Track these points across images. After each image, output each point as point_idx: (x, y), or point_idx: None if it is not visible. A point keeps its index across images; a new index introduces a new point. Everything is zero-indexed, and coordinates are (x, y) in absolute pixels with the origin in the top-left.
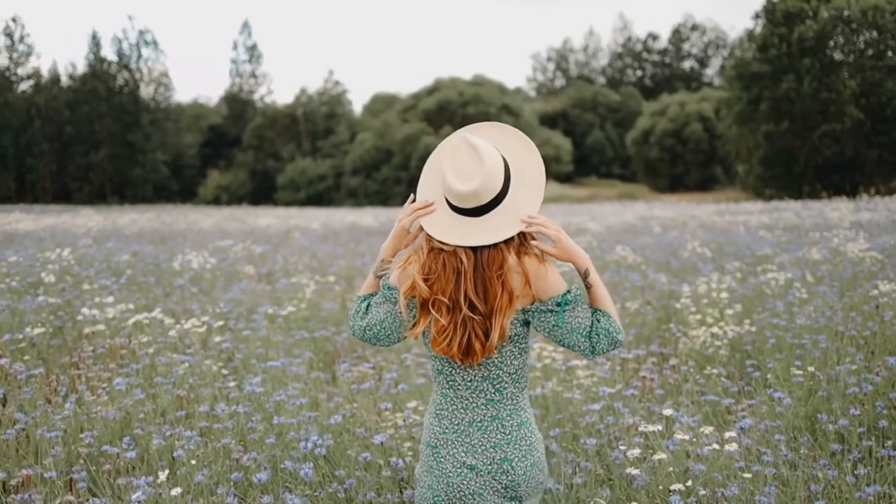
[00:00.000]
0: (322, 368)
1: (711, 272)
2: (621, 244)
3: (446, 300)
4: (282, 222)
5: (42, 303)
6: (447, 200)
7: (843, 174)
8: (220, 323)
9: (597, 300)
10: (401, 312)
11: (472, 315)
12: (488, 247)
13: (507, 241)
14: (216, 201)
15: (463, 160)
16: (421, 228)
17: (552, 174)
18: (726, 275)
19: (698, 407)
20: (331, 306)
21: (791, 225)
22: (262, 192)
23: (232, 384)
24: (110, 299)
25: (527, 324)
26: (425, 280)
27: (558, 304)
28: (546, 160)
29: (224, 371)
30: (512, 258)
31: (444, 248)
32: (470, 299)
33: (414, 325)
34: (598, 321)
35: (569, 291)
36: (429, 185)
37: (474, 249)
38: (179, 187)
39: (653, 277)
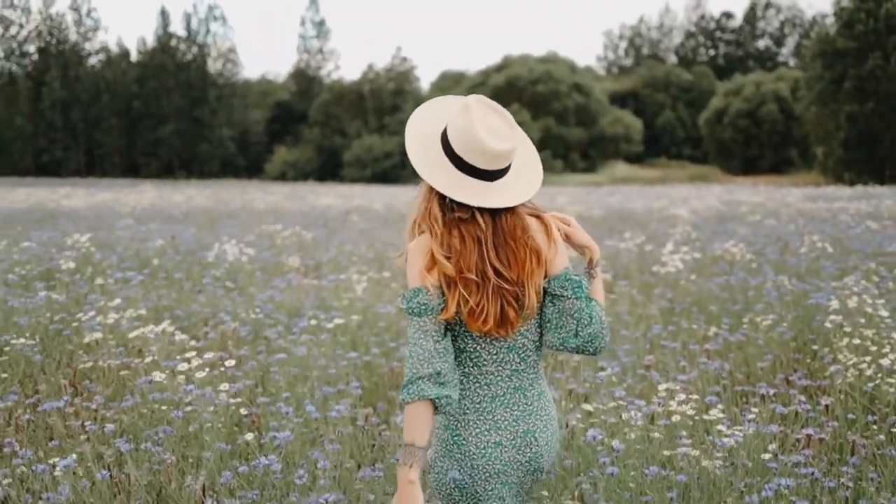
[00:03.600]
0: (374, 401)
1: (841, 273)
2: (720, 235)
3: (474, 276)
4: (343, 202)
5: (41, 300)
6: (460, 162)
7: None
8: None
9: (596, 290)
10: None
11: (500, 283)
12: (507, 211)
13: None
14: (282, 177)
15: (493, 120)
16: (427, 197)
17: (622, 154)
18: (864, 280)
19: (893, 488)
20: (387, 310)
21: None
22: (328, 169)
23: (251, 437)
24: (117, 301)
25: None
26: (447, 257)
27: (574, 289)
28: (616, 139)
29: (243, 411)
30: (532, 220)
31: (463, 216)
32: (495, 267)
33: (444, 309)
34: (592, 307)
35: (575, 275)
36: (426, 149)
37: (493, 215)
38: (246, 163)
39: (773, 280)
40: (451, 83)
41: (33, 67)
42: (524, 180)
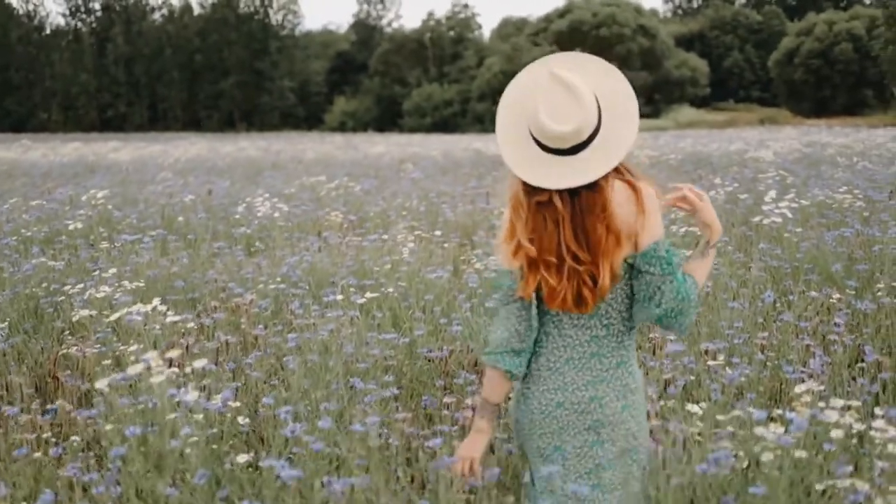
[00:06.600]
0: (417, 398)
1: None
2: (815, 179)
3: (553, 258)
4: (399, 150)
5: (30, 270)
6: (536, 140)
7: None
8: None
9: (700, 268)
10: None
11: (576, 266)
12: (587, 189)
13: (606, 178)
14: (342, 128)
15: (557, 98)
16: (513, 181)
17: (687, 98)
18: None
19: None
20: (437, 275)
21: None
22: (387, 119)
23: (242, 460)
24: (111, 270)
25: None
26: (530, 240)
27: (662, 265)
28: (681, 83)
29: (241, 420)
30: (621, 190)
31: (541, 199)
32: (571, 250)
33: (524, 286)
34: (683, 283)
35: (668, 249)
36: (509, 125)
37: (571, 195)
38: (306, 114)
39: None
40: (512, 30)
41: (97, 23)
42: (603, 153)
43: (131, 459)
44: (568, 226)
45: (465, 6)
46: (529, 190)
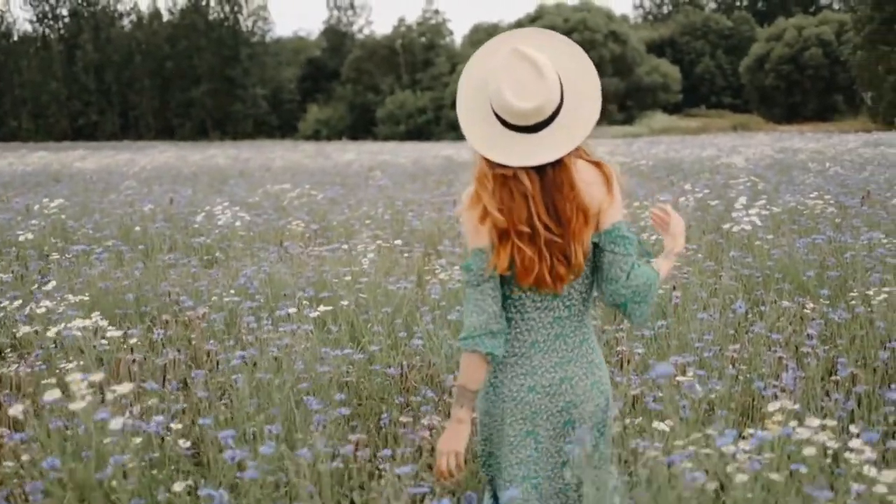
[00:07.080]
0: (373, 416)
1: None
2: (787, 185)
3: (526, 228)
4: (369, 158)
5: None
6: (498, 117)
7: None
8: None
9: (662, 266)
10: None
11: (551, 237)
12: (552, 166)
13: (570, 156)
14: (316, 136)
15: (521, 75)
16: (477, 154)
17: (660, 104)
18: None
19: None
20: (400, 286)
21: None
22: (360, 127)
23: (179, 488)
24: (51, 284)
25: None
26: (499, 210)
27: (626, 245)
28: (653, 89)
29: (183, 443)
30: (587, 169)
31: (506, 173)
32: (545, 222)
33: (495, 259)
34: (646, 267)
35: (629, 231)
36: (470, 102)
37: (539, 170)
38: (280, 122)
39: (867, 240)
40: (484, 36)
41: (66, 30)
42: (567, 132)
43: (55, 492)
44: (539, 202)
45: (436, 12)
46: (493, 164)
